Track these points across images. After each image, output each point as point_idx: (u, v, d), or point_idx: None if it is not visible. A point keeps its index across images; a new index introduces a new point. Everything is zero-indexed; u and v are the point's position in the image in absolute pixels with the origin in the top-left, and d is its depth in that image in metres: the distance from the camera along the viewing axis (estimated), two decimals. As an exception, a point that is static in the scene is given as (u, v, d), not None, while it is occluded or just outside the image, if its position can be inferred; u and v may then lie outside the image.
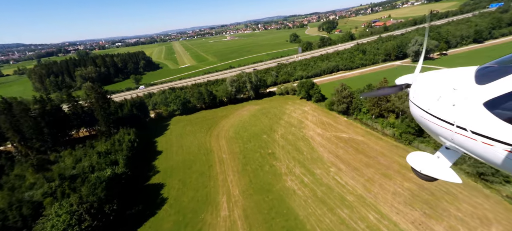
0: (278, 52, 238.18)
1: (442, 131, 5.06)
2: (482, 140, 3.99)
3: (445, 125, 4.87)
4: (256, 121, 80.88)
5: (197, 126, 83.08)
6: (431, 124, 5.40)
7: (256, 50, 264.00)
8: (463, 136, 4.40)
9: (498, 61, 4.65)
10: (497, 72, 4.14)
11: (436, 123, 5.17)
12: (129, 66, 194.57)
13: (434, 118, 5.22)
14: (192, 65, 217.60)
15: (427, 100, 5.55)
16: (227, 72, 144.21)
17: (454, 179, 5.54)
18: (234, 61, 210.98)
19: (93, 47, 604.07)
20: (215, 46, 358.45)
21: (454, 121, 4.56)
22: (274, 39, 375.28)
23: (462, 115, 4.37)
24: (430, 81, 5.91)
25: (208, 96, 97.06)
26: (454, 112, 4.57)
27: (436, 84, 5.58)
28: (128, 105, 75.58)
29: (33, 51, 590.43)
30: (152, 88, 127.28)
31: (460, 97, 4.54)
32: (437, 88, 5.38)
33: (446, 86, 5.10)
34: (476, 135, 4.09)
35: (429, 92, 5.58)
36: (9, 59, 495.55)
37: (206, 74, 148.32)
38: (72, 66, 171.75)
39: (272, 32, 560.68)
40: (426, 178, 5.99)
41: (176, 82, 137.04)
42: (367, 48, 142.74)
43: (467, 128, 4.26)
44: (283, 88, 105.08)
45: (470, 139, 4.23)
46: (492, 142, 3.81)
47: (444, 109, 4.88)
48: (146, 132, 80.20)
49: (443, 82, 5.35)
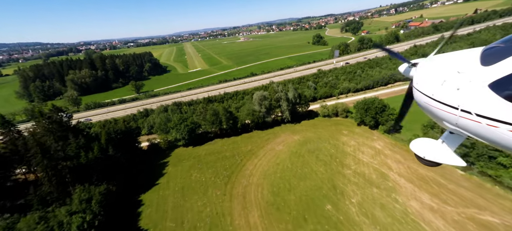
0: (302, 55, 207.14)
1: (446, 116, 4.92)
2: (487, 122, 3.91)
3: (449, 110, 4.71)
4: (303, 165, 50.57)
5: (210, 171, 53.68)
6: (435, 109, 5.18)
7: (275, 53, 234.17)
8: (468, 119, 4.30)
9: (504, 40, 4.48)
10: (503, 52, 3.99)
11: (441, 108, 4.98)
12: (131, 70, 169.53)
13: (438, 103, 5.01)
14: (204, 69, 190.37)
15: (431, 86, 5.29)
16: (248, 81, 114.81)
17: (458, 163, 5.50)
18: (253, 66, 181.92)
19: (105, 47, 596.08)
20: (229, 48, 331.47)
21: (459, 104, 4.42)
22: (293, 40, 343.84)
23: (467, 98, 4.25)
24: (433, 66, 5.61)
25: (227, 119, 67.70)
26: (459, 96, 4.42)
27: (440, 69, 5.26)
28: (103, 139, 47.27)
29: (48, 50, 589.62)
30: (151, 102, 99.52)
31: (464, 80, 4.38)
32: (441, 73, 5.09)
33: (451, 70, 4.86)
34: (480, 118, 4.01)
35: (433, 77, 5.29)
36: (20, 57, 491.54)
37: (222, 83, 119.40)
38: (66, 69, 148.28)
39: (287, 33, 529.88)
40: (430, 163, 5.89)
41: (184, 93, 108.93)
42: (429, 52, 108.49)
43: (472, 111, 4.16)
44: (330, 108, 74.09)
45: (475, 122, 4.13)
46: (497, 123, 3.74)
47: (448, 94, 4.71)
48: (128, 179, 51.64)
49: (447, 66, 5.08)
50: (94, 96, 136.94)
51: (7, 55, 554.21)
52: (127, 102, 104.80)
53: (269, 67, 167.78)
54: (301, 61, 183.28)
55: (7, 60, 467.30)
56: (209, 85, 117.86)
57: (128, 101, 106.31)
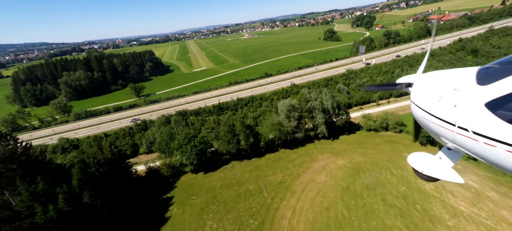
0: (316, 52, 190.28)
1: (443, 132, 4.92)
2: (484, 141, 3.89)
3: (446, 126, 4.72)
4: (366, 215, 34.69)
5: (231, 217, 38.17)
6: (432, 124, 5.23)
7: (285, 50, 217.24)
8: (465, 137, 4.29)
9: (500, 62, 4.51)
10: (499, 73, 4.01)
11: (438, 124, 5.00)
12: (131, 70, 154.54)
13: (435, 118, 5.05)
14: (209, 69, 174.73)
15: (428, 101, 5.37)
16: (263, 82, 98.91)
17: (456, 179, 5.43)
18: (262, 64, 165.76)
19: (108, 46, 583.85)
20: (234, 45, 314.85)
21: (456, 121, 4.43)
22: (301, 36, 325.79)
23: (464, 116, 4.27)
24: (431, 82, 5.75)
25: (246, 136, 51.99)
26: (456, 113, 4.44)
27: (437, 85, 5.38)
28: (75, 180, 31.65)
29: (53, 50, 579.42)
30: (151, 110, 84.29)
31: (461, 97, 4.42)
32: (438, 89, 5.17)
33: (447, 86, 4.93)
34: (477, 136, 4.00)
35: (430, 93, 5.38)
36: (25, 58, 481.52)
37: (233, 85, 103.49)
38: (60, 70, 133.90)
39: (293, 29, 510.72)
40: (428, 178, 5.87)
41: (189, 98, 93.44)
42: (480, 48, 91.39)
43: (468, 128, 4.16)
44: (378, 120, 57.78)
45: (472, 139, 4.13)
46: (494, 142, 3.71)
47: (445, 110, 4.74)
48: None
49: (444, 83, 5.17)
50: (91, 101, 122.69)
51: (13, 56, 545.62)
52: (123, 110, 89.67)
53: (282, 66, 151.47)
54: (316, 58, 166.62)
55: (12, 61, 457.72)
56: (218, 88, 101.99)
57: (125, 108, 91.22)
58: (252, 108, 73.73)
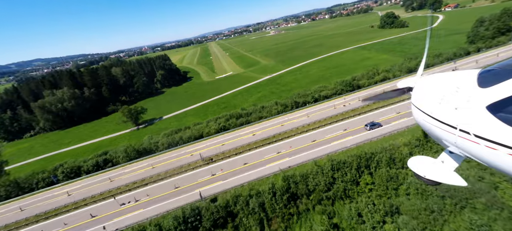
0: (384, 41, 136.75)
1: (445, 135, 4.86)
2: (486, 144, 3.81)
3: (448, 129, 4.66)
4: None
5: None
6: (433, 127, 5.17)
7: (331, 44, 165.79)
8: (466, 140, 4.23)
9: (501, 65, 4.45)
10: (500, 75, 3.94)
11: (439, 127, 4.94)
12: (137, 82, 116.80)
13: (436, 121, 4.98)
14: (236, 74, 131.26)
15: (429, 104, 5.30)
16: (375, 106, 50.93)
17: (459, 182, 5.30)
18: (310, 64, 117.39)
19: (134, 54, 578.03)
20: (260, 43, 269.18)
21: (457, 124, 4.37)
22: (341, 27, 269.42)
23: (465, 118, 4.21)
24: (432, 85, 5.64)
25: None
26: (457, 116, 4.39)
27: (438, 87, 5.29)
28: None
29: (87, 60, 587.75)
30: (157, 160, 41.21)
31: (462, 100, 4.37)
32: (439, 92, 5.10)
33: (448, 89, 4.86)
34: (479, 139, 3.92)
35: (431, 95, 5.32)
36: (57, 65, 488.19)
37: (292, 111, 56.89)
38: (36, 90, 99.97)
39: (325, 21, 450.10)
40: (430, 182, 5.65)
41: (216, 142, 49.04)
42: None
43: (470, 131, 4.09)
44: None
45: (474, 142, 4.06)
46: (496, 145, 3.62)
47: (446, 113, 4.68)
48: None
49: (445, 85, 5.08)
50: (73, 131, 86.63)
51: (51, 69, 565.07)
52: (100, 172, 48.02)
53: (343, 66, 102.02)
54: (388, 50, 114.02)
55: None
56: (263, 119, 55.70)
57: (102, 167, 49.49)
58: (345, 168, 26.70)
